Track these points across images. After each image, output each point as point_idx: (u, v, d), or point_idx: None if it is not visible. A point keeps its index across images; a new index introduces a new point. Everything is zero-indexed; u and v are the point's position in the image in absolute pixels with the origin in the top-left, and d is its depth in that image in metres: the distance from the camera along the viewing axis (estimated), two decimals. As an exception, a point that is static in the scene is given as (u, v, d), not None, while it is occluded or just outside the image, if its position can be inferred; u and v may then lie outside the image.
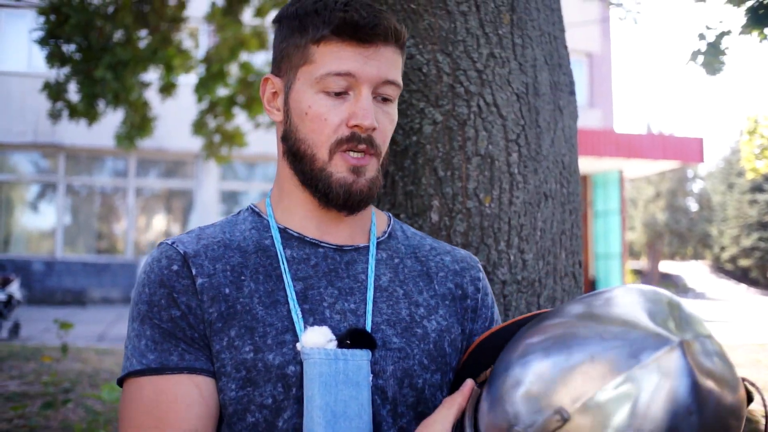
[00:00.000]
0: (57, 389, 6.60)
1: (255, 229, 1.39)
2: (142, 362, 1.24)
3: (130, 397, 1.24)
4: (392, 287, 1.37)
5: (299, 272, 1.32)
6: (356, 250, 1.39)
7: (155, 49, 7.78)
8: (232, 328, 1.25)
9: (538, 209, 2.01)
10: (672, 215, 38.97)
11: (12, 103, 18.64)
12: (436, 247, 1.50)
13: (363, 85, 1.28)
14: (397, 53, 1.33)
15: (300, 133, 1.32)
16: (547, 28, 2.14)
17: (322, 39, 1.28)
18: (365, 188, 1.31)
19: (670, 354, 0.95)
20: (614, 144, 17.69)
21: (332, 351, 1.21)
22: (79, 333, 11.23)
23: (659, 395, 0.93)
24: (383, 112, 1.33)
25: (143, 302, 1.28)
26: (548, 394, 0.99)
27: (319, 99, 1.29)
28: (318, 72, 1.28)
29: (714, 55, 5.69)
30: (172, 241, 1.34)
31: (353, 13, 1.26)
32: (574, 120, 2.22)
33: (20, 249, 19.64)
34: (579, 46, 22.73)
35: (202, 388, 1.23)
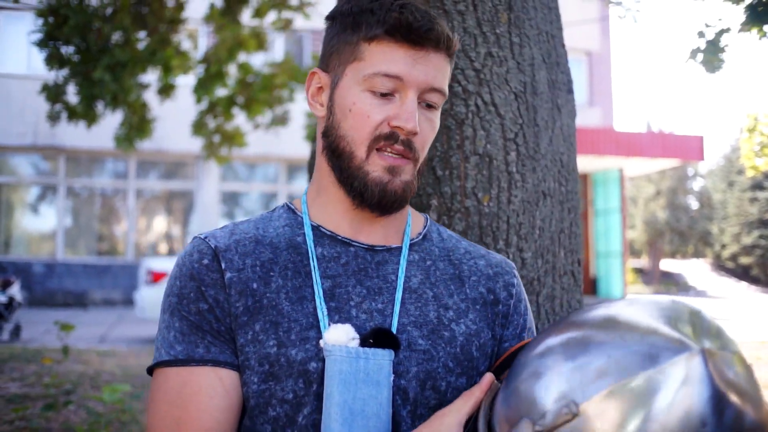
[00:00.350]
0: (58, 391, 6.61)
1: (288, 226, 1.40)
2: (170, 353, 1.27)
3: (158, 386, 1.27)
4: (422, 289, 1.36)
5: (329, 270, 1.33)
6: (388, 251, 1.39)
7: (154, 50, 7.78)
8: (257, 322, 1.27)
9: (536, 208, 2.01)
10: (672, 213, 38.96)
11: (12, 105, 18.65)
12: (471, 250, 1.49)
13: (410, 89, 1.28)
14: (446, 61, 1.33)
15: (341, 130, 1.32)
16: (545, 26, 2.14)
17: (374, 38, 1.28)
18: (399, 189, 1.31)
19: (690, 360, 0.92)
20: (614, 142, 17.70)
21: (354, 349, 1.22)
22: (80, 335, 11.23)
23: (674, 401, 0.91)
24: (426, 119, 1.32)
25: (174, 294, 1.31)
26: (561, 388, 0.98)
27: (365, 97, 1.29)
28: (367, 70, 1.28)
29: (713, 52, 5.69)
30: (205, 236, 1.36)
31: (408, 15, 1.26)
32: (572, 118, 2.22)
33: (21, 251, 19.64)
34: (579, 44, 22.73)
35: (225, 381, 1.26)
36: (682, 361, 0.92)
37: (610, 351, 0.97)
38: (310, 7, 8.62)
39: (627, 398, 0.92)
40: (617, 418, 0.92)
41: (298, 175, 20.84)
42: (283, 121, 9.75)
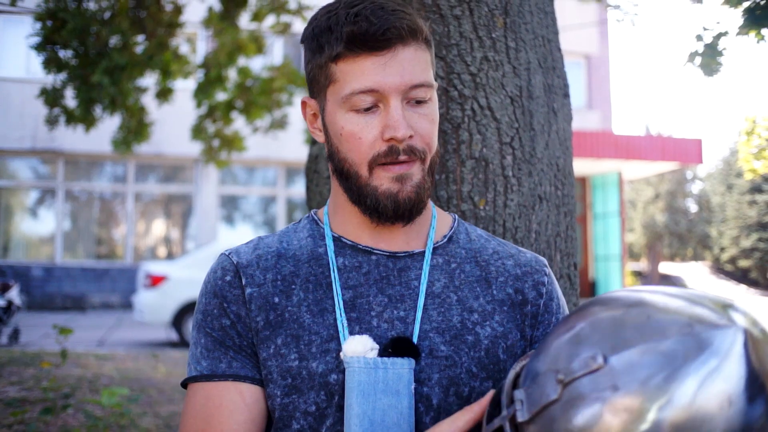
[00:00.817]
0: (56, 395, 6.60)
1: (311, 237, 1.40)
2: (197, 369, 1.32)
3: (187, 401, 1.32)
4: (446, 293, 1.35)
5: (350, 280, 1.33)
6: (410, 257, 1.37)
7: (152, 54, 7.78)
8: (279, 336, 1.28)
9: (532, 212, 2.02)
10: (671, 216, 38.97)
11: (11, 109, 18.65)
12: (500, 250, 1.46)
13: (390, 96, 1.25)
14: (421, 49, 1.28)
15: (341, 153, 1.31)
16: (541, 31, 2.14)
17: (338, 56, 1.26)
18: (412, 194, 1.29)
19: (733, 336, 0.90)
20: (613, 145, 17.70)
21: (372, 360, 1.22)
22: (79, 338, 11.24)
23: (705, 371, 0.88)
24: (419, 115, 1.28)
25: (200, 311, 1.35)
26: (593, 342, 0.97)
27: (350, 118, 1.27)
28: (343, 91, 1.26)
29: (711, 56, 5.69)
30: (229, 252, 1.38)
31: (362, 23, 1.22)
32: (568, 122, 2.22)
33: (20, 255, 19.63)
34: (577, 48, 22.76)
35: (245, 395, 1.28)
36: (723, 334, 0.90)
37: (651, 312, 0.96)
38: (308, 11, 8.63)
39: (657, 359, 0.90)
40: (642, 376, 0.90)
41: (297, 179, 20.85)
42: (281, 124, 9.76)
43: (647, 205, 39.82)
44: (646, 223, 39.14)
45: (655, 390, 0.89)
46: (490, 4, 2.02)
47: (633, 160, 17.93)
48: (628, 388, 0.91)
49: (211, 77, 8.56)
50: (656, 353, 0.91)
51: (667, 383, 0.89)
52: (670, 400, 0.88)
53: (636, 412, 0.89)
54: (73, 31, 7.16)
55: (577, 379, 0.95)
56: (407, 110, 1.27)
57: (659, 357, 0.90)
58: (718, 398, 0.88)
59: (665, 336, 0.92)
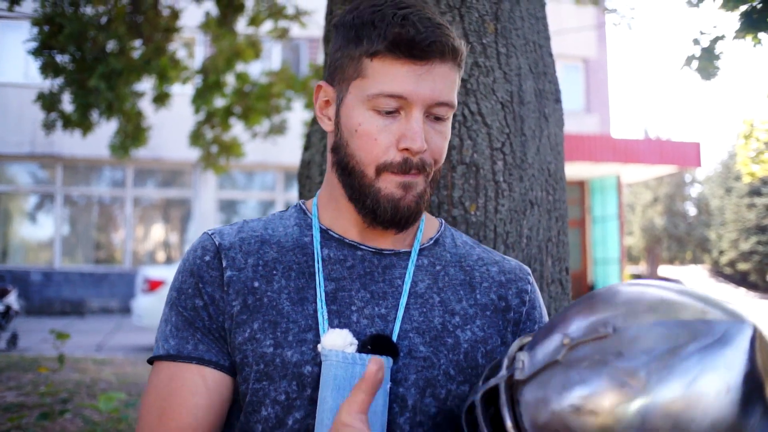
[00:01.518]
0: (54, 400, 6.59)
1: (297, 226, 1.40)
2: (164, 347, 1.31)
3: (151, 378, 1.31)
4: (429, 294, 1.35)
5: (333, 273, 1.33)
6: (396, 255, 1.37)
7: (149, 59, 7.79)
8: (256, 320, 1.27)
9: (523, 217, 2.02)
10: (670, 220, 38.98)
11: (9, 114, 18.65)
12: (485, 257, 1.46)
13: (415, 106, 1.25)
14: (454, 70, 1.29)
15: (350, 149, 1.30)
16: (532, 36, 2.15)
17: (376, 53, 1.25)
18: (413, 204, 1.30)
19: (742, 329, 0.92)
20: (611, 149, 17.72)
21: (350, 355, 1.21)
22: (78, 343, 11.22)
23: (709, 355, 0.89)
24: (435, 131, 1.29)
25: (174, 288, 1.34)
26: (606, 314, 0.97)
27: (370, 117, 1.27)
28: (370, 90, 1.25)
29: (708, 60, 5.70)
30: (212, 232, 1.38)
31: (410, 28, 1.22)
32: (560, 127, 2.23)
33: (18, 260, 19.62)
34: (575, 51, 22.77)
35: (207, 380, 1.27)
36: (735, 326, 0.92)
37: (667, 296, 0.97)
38: (306, 16, 8.63)
39: (666, 335, 0.91)
40: (648, 347, 0.91)
41: (295, 183, 20.84)
42: (280, 129, 9.76)
43: (646, 208, 39.83)
44: (645, 226, 39.15)
45: (659, 363, 0.90)
46: (481, 10, 2.02)
47: (632, 163, 17.96)
48: (632, 357, 0.92)
49: (209, 83, 8.56)
50: (666, 330, 0.92)
51: (672, 359, 0.90)
52: (671, 375, 0.89)
53: (636, 380, 0.90)
54: (70, 36, 7.16)
55: (583, 344, 0.96)
56: (426, 124, 1.27)
57: (668, 334, 0.92)
58: (717, 384, 0.89)
59: (678, 316, 0.94)
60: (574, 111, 22.82)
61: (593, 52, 23.66)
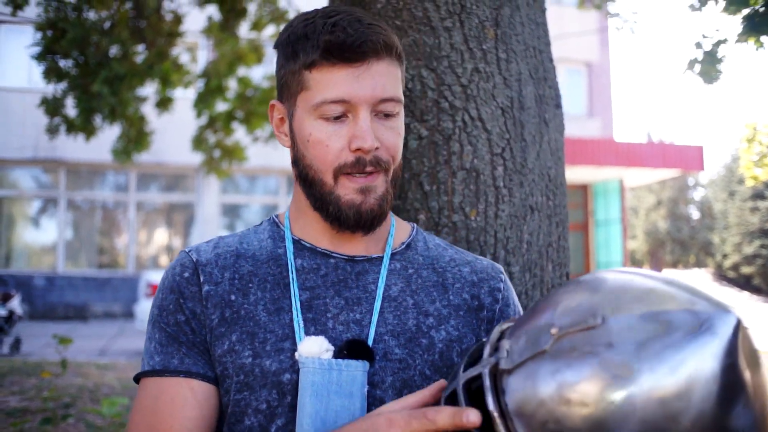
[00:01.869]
0: (57, 404, 6.60)
1: (271, 239, 1.42)
2: (149, 363, 1.32)
3: (138, 395, 1.32)
4: (402, 297, 1.37)
5: (307, 282, 1.34)
6: (368, 261, 1.39)
7: (152, 63, 7.80)
8: (234, 332, 1.29)
9: (524, 222, 2.02)
10: (673, 223, 38.97)
11: (12, 118, 18.68)
12: (456, 258, 1.48)
13: (359, 107, 1.27)
14: (393, 65, 1.32)
15: (306, 159, 1.33)
16: (532, 42, 2.15)
17: (313, 64, 1.28)
18: (375, 207, 1.31)
19: (727, 320, 0.91)
20: (614, 153, 17.71)
21: (326, 361, 1.23)
22: (81, 348, 11.24)
23: (697, 346, 0.89)
24: (386, 128, 1.31)
25: (156, 306, 1.36)
26: (593, 302, 0.97)
27: (319, 125, 1.29)
28: (314, 100, 1.28)
29: (711, 63, 5.71)
30: (189, 249, 1.40)
31: (339, 33, 1.25)
32: (560, 133, 2.23)
33: (22, 264, 19.65)
34: (578, 55, 22.78)
35: (196, 392, 1.29)
36: (722, 318, 0.92)
37: (655, 285, 0.97)
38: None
39: (656, 326, 0.91)
40: (639, 338, 0.91)
41: (298, 187, 20.82)
42: (282, 134, 9.75)
43: (649, 212, 39.82)
44: (648, 230, 39.14)
45: (649, 354, 0.90)
46: (481, 15, 2.03)
47: (634, 167, 17.94)
48: (622, 348, 0.91)
49: (211, 87, 8.58)
50: (656, 320, 0.92)
51: (661, 349, 0.90)
52: (661, 366, 0.89)
53: (626, 371, 0.90)
54: (73, 41, 7.19)
55: (572, 334, 0.95)
56: (375, 122, 1.30)
57: (658, 324, 0.92)
58: (705, 373, 0.89)
59: (667, 307, 0.93)
60: (577, 115, 22.82)
61: (596, 56, 23.66)
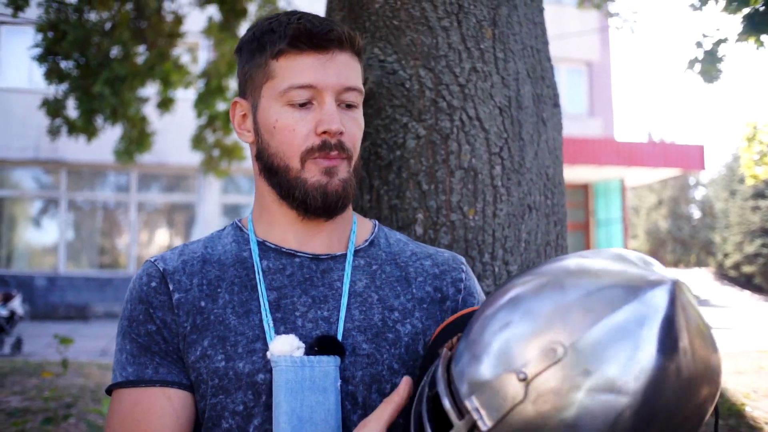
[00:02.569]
0: (58, 404, 6.61)
1: (235, 242, 1.43)
2: (122, 374, 1.33)
3: (112, 407, 1.32)
4: (367, 293, 1.39)
5: (274, 282, 1.36)
6: (333, 259, 1.41)
7: (152, 64, 7.81)
8: (205, 338, 1.30)
9: (522, 221, 2.03)
10: (674, 223, 38.92)
11: (13, 119, 18.69)
12: (417, 252, 1.51)
13: (325, 92, 1.32)
14: (354, 59, 1.38)
15: (272, 148, 1.36)
16: (530, 41, 2.15)
17: (280, 53, 1.33)
18: (339, 188, 1.34)
19: (669, 290, 0.92)
20: (615, 152, 17.71)
21: (299, 358, 1.25)
22: (82, 348, 11.24)
23: (659, 331, 0.90)
24: (349, 118, 1.36)
25: (125, 318, 1.36)
26: (543, 331, 0.95)
27: (285, 111, 1.33)
28: (281, 86, 1.33)
29: (711, 62, 5.72)
30: (154, 259, 1.40)
31: (306, 23, 1.31)
32: (558, 132, 2.23)
33: (23, 265, 19.65)
34: (578, 55, 22.77)
35: (173, 400, 1.29)
36: (662, 293, 0.92)
37: (589, 287, 0.96)
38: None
39: (617, 333, 0.91)
40: (611, 353, 0.91)
41: (299, 187, 20.82)
42: (282, 133, 9.77)
43: (650, 211, 39.78)
44: (649, 229, 39.10)
45: (628, 363, 0.90)
46: (479, 15, 2.03)
47: (635, 166, 17.95)
48: (601, 369, 0.91)
49: (211, 87, 8.59)
50: (614, 328, 0.92)
51: (636, 353, 0.90)
52: (642, 368, 0.90)
53: (615, 388, 0.90)
54: (74, 42, 7.20)
55: (541, 373, 0.94)
56: (339, 112, 1.33)
57: (618, 331, 0.91)
58: (677, 353, 0.91)
59: (614, 308, 0.93)
60: (578, 114, 22.81)
61: (596, 56, 23.65)
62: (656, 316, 0.91)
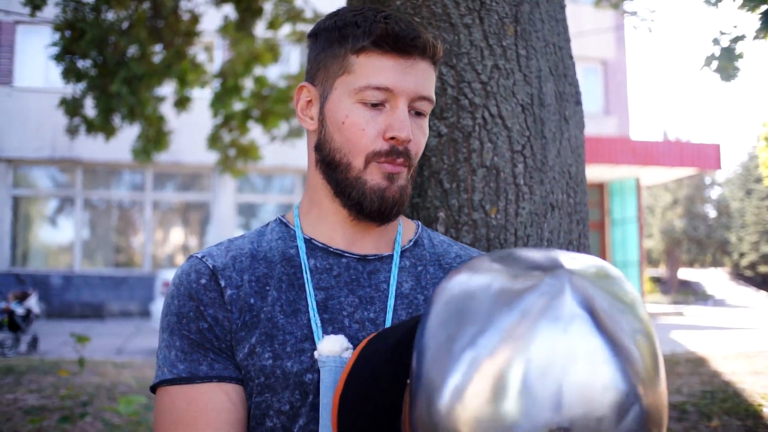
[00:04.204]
0: (74, 403, 6.63)
1: (281, 240, 1.41)
2: (173, 371, 1.29)
3: (163, 406, 1.29)
4: (413, 294, 1.38)
5: (321, 282, 1.35)
6: (379, 260, 1.40)
7: (169, 63, 7.83)
8: (253, 336, 1.28)
9: (544, 220, 2.01)
10: (690, 222, 38.74)
11: (30, 118, 18.79)
12: (462, 254, 1.50)
13: (400, 98, 1.30)
14: (432, 69, 1.35)
15: (335, 142, 1.34)
16: (552, 38, 2.14)
17: (362, 49, 1.30)
18: (397, 194, 1.33)
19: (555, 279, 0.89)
20: (631, 151, 17.66)
21: (347, 359, 1.23)
22: (98, 346, 11.28)
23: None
24: (417, 126, 1.34)
25: (172, 314, 1.32)
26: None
27: (357, 109, 1.31)
28: (357, 83, 1.30)
29: (728, 60, 5.67)
30: (201, 255, 1.38)
31: (394, 25, 1.28)
32: (580, 130, 2.21)
33: (39, 263, 19.76)
34: (594, 53, 22.71)
35: (231, 395, 1.28)
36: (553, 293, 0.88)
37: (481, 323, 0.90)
38: (324, 19, 8.64)
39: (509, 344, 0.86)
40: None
41: (313, 186, 20.82)
42: (299, 133, 9.80)
43: (665, 210, 39.61)
44: (665, 228, 38.93)
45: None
46: (501, 12, 2.02)
47: (651, 165, 17.89)
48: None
49: (227, 86, 8.59)
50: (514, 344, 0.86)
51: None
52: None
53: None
54: (91, 42, 7.22)
55: None
56: (409, 118, 1.32)
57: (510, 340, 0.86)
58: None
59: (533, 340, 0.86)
60: (593, 113, 22.75)
61: (612, 54, 23.58)
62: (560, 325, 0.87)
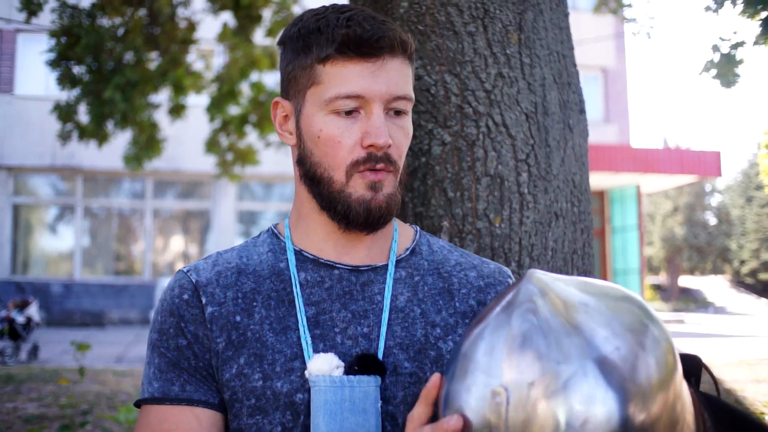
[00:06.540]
0: (75, 411, 6.61)
1: (272, 252, 1.38)
2: (148, 390, 1.28)
3: (140, 422, 1.28)
4: (409, 307, 1.32)
5: (312, 296, 1.30)
6: (373, 270, 1.35)
7: (165, 70, 7.83)
8: (241, 356, 1.25)
9: (548, 229, 2.00)
10: (690, 229, 38.72)
11: (30, 126, 18.79)
12: (462, 262, 1.44)
13: (373, 103, 1.24)
14: (406, 64, 1.30)
15: (315, 157, 1.29)
16: (556, 46, 2.13)
17: (327, 58, 1.24)
18: (383, 204, 1.27)
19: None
20: (631, 159, 17.65)
21: (338, 378, 1.20)
22: (98, 354, 11.26)
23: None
24: (396, 126, 1.28)
25: (155, 330, 1.31)
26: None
27: (330, 120, 1.26)
28: (327, 94, 1.25)
29: (728, 66, 5.66)
30: (187, 269, 1.35)
31: (356, 28, 1.23)
32: (584, 138, 2.20)
33: (39, 271, 19.74)
34: (594, 61, 22.71)
35: (201, 419, 1.24)
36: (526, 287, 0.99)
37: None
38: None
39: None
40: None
41: (314, 194, 20.82)
42: (296, 139, 9.77)
43: (666, 218, 39.59)
44: (665, 236, 38.92)
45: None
46: (504, 20, 2.01)
47: (651, 173, 17.87)
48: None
49: (224, 92, 8.60)
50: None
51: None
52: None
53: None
54: (87, 48, 7.23)
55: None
56: (386, 120, 1.27)
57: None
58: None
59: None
60: (593, 121, 22.74)
61: (612, 62, 23.60)
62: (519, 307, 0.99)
